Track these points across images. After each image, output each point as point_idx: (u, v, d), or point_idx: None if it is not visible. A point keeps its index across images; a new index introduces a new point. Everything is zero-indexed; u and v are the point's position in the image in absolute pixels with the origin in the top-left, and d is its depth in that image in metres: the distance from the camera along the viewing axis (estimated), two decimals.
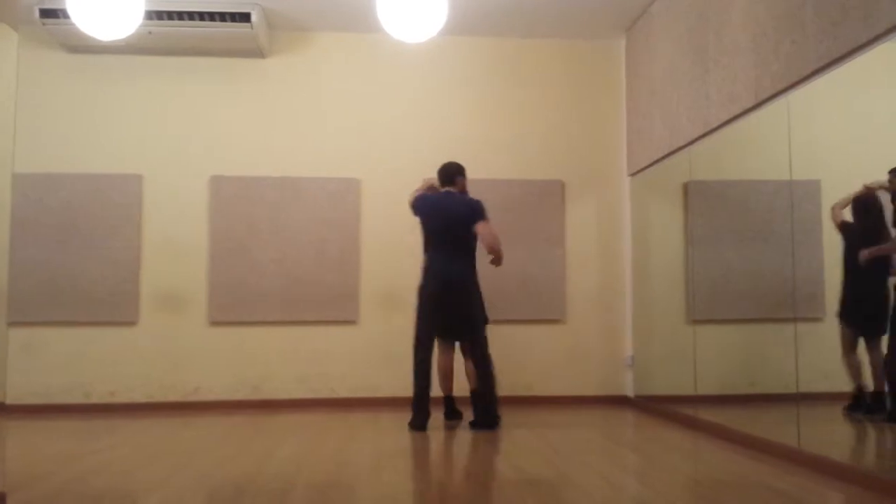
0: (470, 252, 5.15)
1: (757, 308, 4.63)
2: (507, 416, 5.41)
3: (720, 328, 5.12)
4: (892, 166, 3.47)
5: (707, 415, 5.01)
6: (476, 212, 5.12)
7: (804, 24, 3.85)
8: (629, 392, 6.46)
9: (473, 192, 5.39)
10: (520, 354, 5.96)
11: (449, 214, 5.17)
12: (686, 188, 5.49)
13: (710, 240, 5.19)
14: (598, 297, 6.61)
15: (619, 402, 6.42)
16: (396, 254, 6.23)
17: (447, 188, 5.33)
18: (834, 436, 4.00)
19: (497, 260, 5.11)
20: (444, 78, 6.68)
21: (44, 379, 6.12)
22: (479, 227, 5.06)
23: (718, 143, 4.93)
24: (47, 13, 5.80)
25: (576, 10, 6.15)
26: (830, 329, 3.91)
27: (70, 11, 4.72)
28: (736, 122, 4.65)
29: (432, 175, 5.48)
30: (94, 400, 6.16)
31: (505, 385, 5.55)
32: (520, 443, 4.69)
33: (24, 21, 5.57)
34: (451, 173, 5.35)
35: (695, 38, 5.20)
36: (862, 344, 3.82)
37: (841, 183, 3.86)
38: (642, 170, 6.25)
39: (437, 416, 5.25)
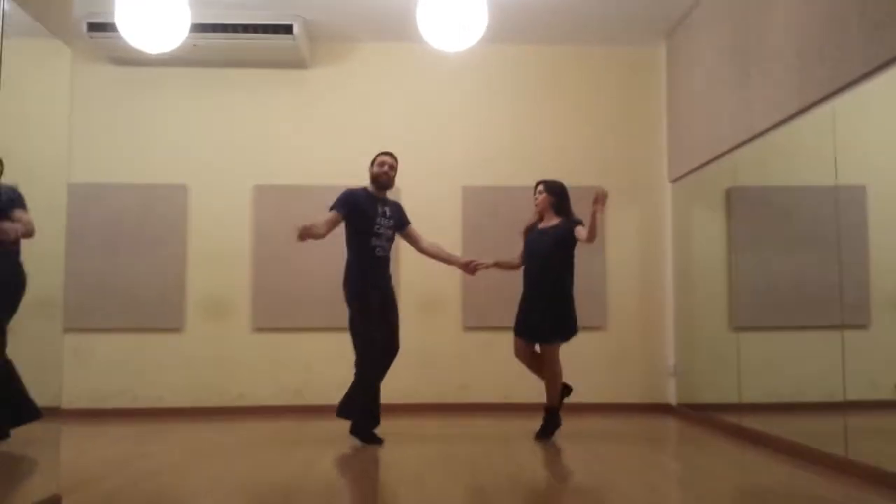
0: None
1: (802, 315, 4.56)
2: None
3: (764, 335, 5.06)
4: None
5: (752, 423, 4.95)
6: None
7: (849, 28, 3.80)
8: (672, 400, 6.41)
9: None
10: (560, 361, 5.91)
11: None
12: (729, 194, 5.45)
13: (753, 246, 5.14)
14: (640, 304, 6.58)
15: (661, 409, 6.37)
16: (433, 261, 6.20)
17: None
18: (883, 445, 3.93)
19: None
20: (484, 86, 6.71)
21: (94, 383, 6.25)
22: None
23: (762, 149, 4.88)
24: (95, 27, 5.95)
25: (615, 16, 6.14)
26: (878, 336, 3.86)
27: (118, 25, 4.85)
28: (780, 128, 4.60)
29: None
30: (142, 404, 6.27)
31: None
32: (563, 450, 4.69)
33: (73, 34, 5.71)
34: None
35: (737, 43, 5.16)
36: None
37: (888, 187, 3.81)
38: (684, 176, 6.21)
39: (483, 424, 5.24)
